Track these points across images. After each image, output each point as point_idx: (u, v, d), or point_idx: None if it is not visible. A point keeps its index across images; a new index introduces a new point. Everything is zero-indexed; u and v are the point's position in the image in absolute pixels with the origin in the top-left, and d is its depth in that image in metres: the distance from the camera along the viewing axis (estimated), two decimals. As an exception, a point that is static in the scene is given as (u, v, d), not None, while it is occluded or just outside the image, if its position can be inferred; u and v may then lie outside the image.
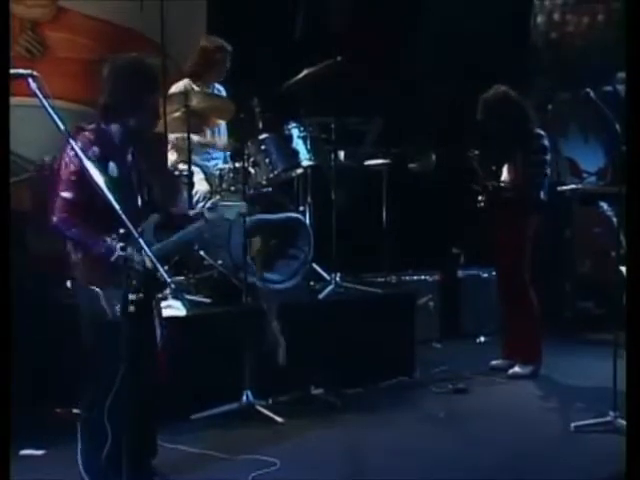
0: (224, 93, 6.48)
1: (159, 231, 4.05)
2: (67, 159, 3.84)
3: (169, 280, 3.40)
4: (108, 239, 3.77)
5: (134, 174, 4.04)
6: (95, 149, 3.84)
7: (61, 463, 4.33)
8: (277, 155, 6.00)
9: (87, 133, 3.92)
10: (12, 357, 3.22)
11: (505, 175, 6.29)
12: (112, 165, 3.89)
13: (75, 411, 4.15)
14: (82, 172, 3.65)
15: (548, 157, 6.26)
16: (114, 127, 3.99)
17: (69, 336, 4.41)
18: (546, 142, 6.27)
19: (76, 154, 3.62)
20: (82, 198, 3.78)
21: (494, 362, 6.54)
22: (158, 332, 4.07)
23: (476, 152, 6.42)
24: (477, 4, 8.22)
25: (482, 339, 7.48)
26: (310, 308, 6.07)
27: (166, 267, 4.24)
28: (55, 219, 3.84)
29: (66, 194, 3.83)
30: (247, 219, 5.45)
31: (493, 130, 6.29)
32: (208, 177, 6.29)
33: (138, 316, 3.49)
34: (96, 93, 4.12)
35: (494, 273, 6.91)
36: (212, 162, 6.44)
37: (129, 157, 4.03)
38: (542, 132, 6.31)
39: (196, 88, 6.18)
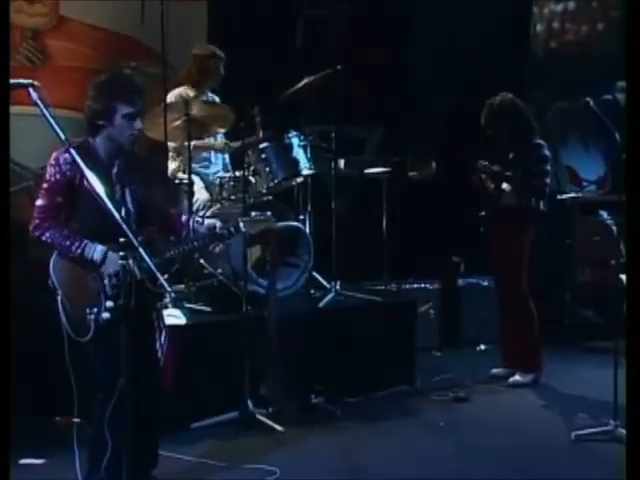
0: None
1: (153, 246, 3.91)
2: (46, 169, 3.91)
3: (169, 289, 3.39)
4: (87, 241, 3.82)
5: (118, 188, 3.99)
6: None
7: (61, 472, 4.32)
8: (277, 164, 6.00)
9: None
10: (12, 366, 3.22)
11: (506, 184, 6.29)
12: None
13: (75, 420, 4.13)
14: (55, 180, 3.84)
15: (549, 167, 6.26)
16: (98, 140, 3.98)
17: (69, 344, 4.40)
18: (547, 152, 6.27)
19: (56, 165, 3.77)
20: (52, 204, 3.86)
21: (494, 370, 6.54)
22: (161, 340, 4.05)
23: (477, 161, 6.42)
24: (476, 12, 8.23)
25: (482, 347, 7.47)
26: (310, 316, 6.06)
27: (166, 276, 4.21)
28: (30, 228, 3.91)
29: (38, 202, 3.91)
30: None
31: (496, 136, 6.29)
32: (208, 186, 6.29)
33: (136, 325, 3.48)
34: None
35: (494, 281, 6.90)
36: (212, 170, 6.44)
37: (114, 170, 4.00)
38: (542, 142, 6.31)
39: (192, 94, 6.19)
